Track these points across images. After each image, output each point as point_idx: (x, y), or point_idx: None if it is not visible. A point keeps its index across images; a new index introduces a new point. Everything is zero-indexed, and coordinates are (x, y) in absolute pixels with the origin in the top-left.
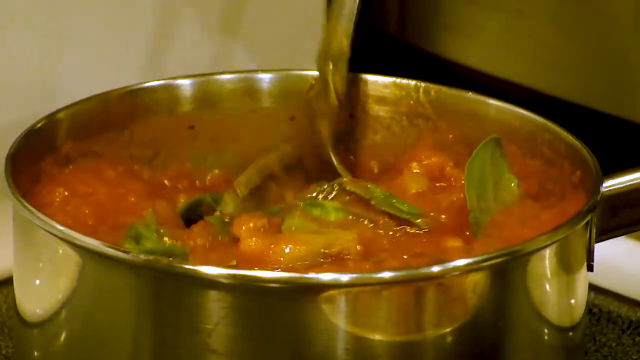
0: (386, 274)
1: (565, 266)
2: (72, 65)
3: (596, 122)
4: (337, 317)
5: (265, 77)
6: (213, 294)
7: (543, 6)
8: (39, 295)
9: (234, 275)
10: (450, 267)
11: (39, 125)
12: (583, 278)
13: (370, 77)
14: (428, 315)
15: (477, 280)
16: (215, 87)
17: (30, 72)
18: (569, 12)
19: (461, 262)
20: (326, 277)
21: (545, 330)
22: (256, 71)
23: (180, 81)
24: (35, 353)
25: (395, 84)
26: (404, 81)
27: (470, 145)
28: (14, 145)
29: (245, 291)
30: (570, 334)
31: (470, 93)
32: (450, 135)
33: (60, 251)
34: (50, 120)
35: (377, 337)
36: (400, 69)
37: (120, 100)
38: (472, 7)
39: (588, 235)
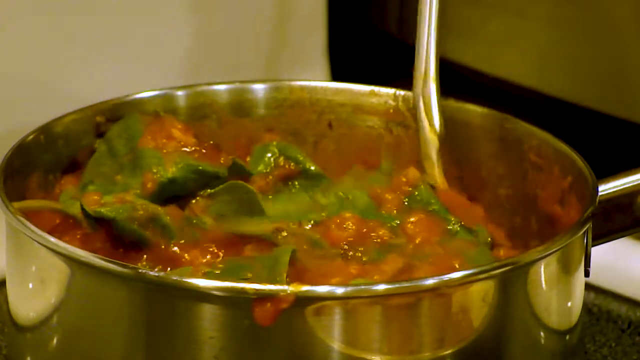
0: (381, 287)
1: (564, 273)
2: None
3: (595, 123)
4: (332, 329)
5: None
6: (205, 306)
7: (543, 7)
8: (31, 302)
9: (225, 288)
10: (447, 279)
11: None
12: (580, 282)
13: (348, 86)
14: (425, 327)
15: (476, 292)
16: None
17: (31, 77)
18: (569, 12)
19: (459, 274)
20: (321, 289)
21: (545, 335)
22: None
23: None
24: (28, 358)
25: (373, 93)
26: (383, 89)
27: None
28: (4, 160)
29: (236, 303)
30: (568, 336)
31: (450, 100)
32: None
33: (50, 262)
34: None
35: (373, 349)
36: (400, 69)
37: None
38: (472, 7)
39: (585, 241)
